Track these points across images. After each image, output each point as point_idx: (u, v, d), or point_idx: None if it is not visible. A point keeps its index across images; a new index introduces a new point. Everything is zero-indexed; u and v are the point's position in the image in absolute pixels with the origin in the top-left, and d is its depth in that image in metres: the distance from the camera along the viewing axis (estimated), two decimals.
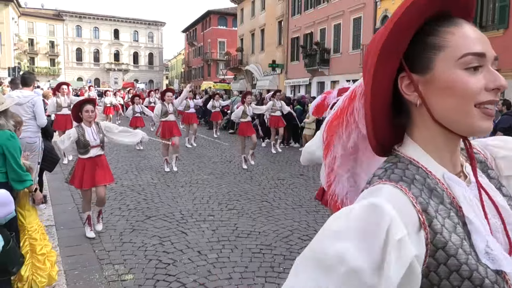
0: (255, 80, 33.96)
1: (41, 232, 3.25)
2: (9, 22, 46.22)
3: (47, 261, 3.16)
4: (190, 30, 58.48)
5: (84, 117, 4.79)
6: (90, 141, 4.78)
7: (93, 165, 4.84)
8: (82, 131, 4.77)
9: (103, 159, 5.01)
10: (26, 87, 6.09)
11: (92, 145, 4.80)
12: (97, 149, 4.90)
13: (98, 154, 4.91)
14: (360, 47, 20.15)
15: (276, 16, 30.33)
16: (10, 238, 2.54)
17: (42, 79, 51.70)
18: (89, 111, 4.79)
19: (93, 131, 4.84)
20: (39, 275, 3.04)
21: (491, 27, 13.79)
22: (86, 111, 4.78)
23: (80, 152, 4.83)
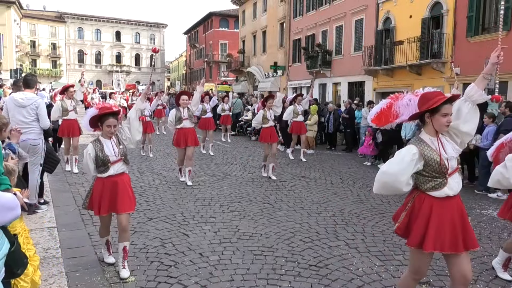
0: (256, 82, 33.98)
1: (25, 236, 3.20)
2: (11, 24, 46.36)
3: (29, 265, 3.11)
4: (192, 32, 58.57)
5: (105, 131, 4.00)
6: (110, 155, 3.97)
7: (113, 187, 4.00)
8: (100, 146, 3.97)
9: (125, 179, 4.13)
10: (29, 89, 6.07)
11: (112, 161, 3.97)
12: (119, 165, 4.05)
13: (120, 172, 4.07)
14: (362, 49, 20.13)
15: (277, 18, 30.35)
16: (14, 240, 2.53)
17: (44, 81, 51.82)
18: (112, 126, 3.94)
19: (113, 144, 4.04)
20: (21, 280, 2.99)
21: (493, 29, 13.78)
22: (108, 126, 3.94)
23: (99, 171, 4.01)
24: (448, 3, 15.37)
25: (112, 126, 3.94)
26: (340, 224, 5.87)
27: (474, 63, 13.48)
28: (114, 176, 4.01)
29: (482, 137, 8.39)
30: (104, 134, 4.02)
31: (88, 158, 3.95)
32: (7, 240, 2.37)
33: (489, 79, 3.21)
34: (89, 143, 4.04)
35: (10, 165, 3.24)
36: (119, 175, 4.06)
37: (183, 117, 8.04)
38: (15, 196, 2.34)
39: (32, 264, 3.14)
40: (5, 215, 2.21)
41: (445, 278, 4.18)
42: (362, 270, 4.31)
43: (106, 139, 4.03)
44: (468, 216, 3.19)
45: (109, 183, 3.99)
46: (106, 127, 3.94)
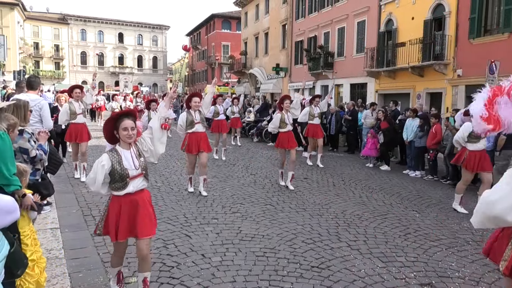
0: (259, 84, 34.00)
1: (33, 238, 3.21)
2: (15, 26, 46.63)
3: (36, 267, 3.12)
4: (194, 33, 58.67)
5: (122, 136, 3.33)
6: (129, 169, 3.33)
7: (132, 207, 3.40)
8: (117, 157, 3.33)
9: (146, 197, 3.52)
10: (32, 91, 6.10)
11: (132, 176, 3.34)
12: (139, 181, 3.42)
13: (140, 189, 3.45)
14: (364, 50, 20.12)
15: (280, 19, 30.38)
16: (13, 241, 2.54)
17: (47, 83, 51.99)
18: (129, 128, 3.30)
19: (133, 155, 3.41)
20: (27, 281, 3.01)
21: (496, 30, 13.76)
22: (125, 129, 3.30)
23: (115, 188, 3.35)
24: (450, 4, 15.36)
25: (129, 129, 3.29)
26: (342, 226, 5.87)
27: (476, 64, 13.47)
28: (133, 194, 3.38)
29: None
30: (123, 141, 3.36)
31: (100, 170, 3.27)
32: (7, 241, 2.39)
33: None
34: (105, 153, 3.40)
35: (22, 166, 3.25)
36: (139, 193, 3.44)
37: (195, 120, 7.32)
38: (13, 199, 2.35)
39: (38, 266, 3.16)
40: (4, 218, 2.22)
41: (447, 280, 4.18)
42: (364, 271, 4.31)
43: (125, 149, 3.39)
44: None
45: (127, 202, 3.37)
46: (123, 130, 3.30)
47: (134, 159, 3.38)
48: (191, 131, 7.33)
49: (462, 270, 4.45)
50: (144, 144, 3.55)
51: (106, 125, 3.39)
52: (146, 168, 3.49)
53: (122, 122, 3.30)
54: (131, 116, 3.38)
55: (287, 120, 8.30)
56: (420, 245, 5.20)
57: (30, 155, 4.06)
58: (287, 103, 8.31)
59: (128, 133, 3.30)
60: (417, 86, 17.17)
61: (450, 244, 5.26)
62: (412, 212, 6.78)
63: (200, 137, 7.37)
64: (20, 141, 3.98)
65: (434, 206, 7.26)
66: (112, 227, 3.35)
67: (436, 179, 9.79)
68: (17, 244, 2.65)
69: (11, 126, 3.64)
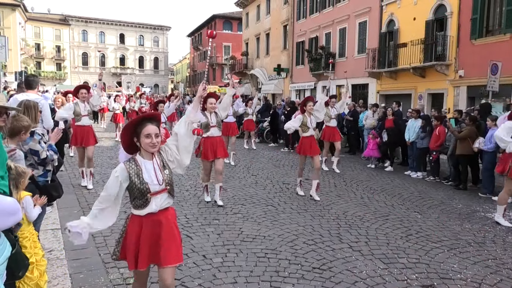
0: (260, 84, 34.01)
1: (32, 240, 3.19)
2: (16, 27, 46.73)
3: (35, 270, 3.11)
4: (195, 34, 58.73)
5: (144, 145, 2.75)
6: (151, 183, 2.75)
7: (155, 229, 2.83)
8: (136, 168, 2.77)
9: (170, 217, 2.92)
10: (31, 90, 5.98)
11: (154, 191, 2.77)
12: (163, 198, 2.82)
13: (164, 207, 2.85)
14: (365, 51, 20.12)
15: (281, 20, 30.38)
16: (15, 242, 2.53)
17: (48, 83, 52.06)
18: (152, 135, 2.73)
19: (156, 166, 2.82)
20: (25, 284, 3.00)
21: (497, 31, 13.74)
22: (148, 136, 2.72)
23: (136, 205, 2.82)
24: (452, 5, 15.35)
25: (152, 136, 2.72)
26: (344, 227, 5.86)
27: (478, 65, 13.46)
28: (156, 213, 2.81)
29: (486, 140, 8.36)
30: (144, 149, 2.77)
31: (113, 182, 2.76)
32: (9, 243, 2.38)
33: None
34: (121, 163, 2.82)
35: (21, 167, 3.22)
36: (163, 212, 2.84)
37: (210, 123, 6.70)
38: (15, 200, 2.33)
39: (38, 268, 3.14)
40: (6, 219, 2.21)
41: (449, 282, 4.16)
42: (365, 273, 4.30)
43: (147, 159, 2.80)
44: None
45: (149, 223, 2.81)
46: (145, 138, 2.72)
47: (157, 171, 2.79)
48: (206, 135, 6.70)
49: (464, 271, 4.43)
50: (169, 153, 2.94)
51: (125, 131, 2.80)
52: (171, 183, 2.88)
53: (145, 128, 2.73)
54: (154, 120, 2.81)
55: (310, 124, 7.59)
56: (422, 246, 5.18)
57: (41, 157, 4.01)
58: (310, 105, 7.59)
59: (152, 141, 2.71)
60: (419, 87, 17.15)
61: (452, 246, 5.24)
62: (414, 213, 6.76)
63: (216, 142, 6.78)
64: (31, 142, 3.92)
65: (436, 208, 7.24)
66: (131, 252, 2.80)
67: (438, 180, 9.77)
68: (18, 245, 2.64)
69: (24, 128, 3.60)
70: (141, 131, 2.74)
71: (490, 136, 8.31)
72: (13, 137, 3.60)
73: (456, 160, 9.17)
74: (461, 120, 9.68)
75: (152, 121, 2.79)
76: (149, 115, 2.90)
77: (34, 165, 3.90)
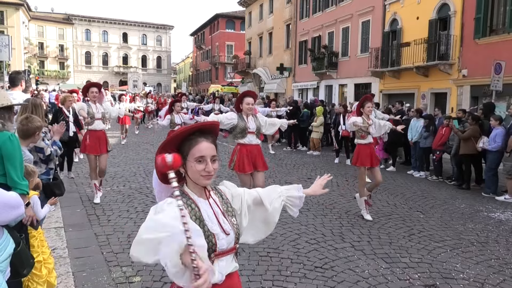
0: (262, 84, 34.00)
1: (40, 239, 3.22)
2: (20, 26, 46.90)
3: (43, 268, 3.13)
4: (198, 33, 58.77)
5: (194, 173, 1.78)
6: (219, 237, 1.78)
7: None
8: (195, 210, 1.77)
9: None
10: (15, 87, 5.62)
11: (221, 251, 1.79)
12: (228, 260, 1.86)
13: (229, 272, 1.86)
14: (369, 50, 20.08)
15: (284, 19, 30.36)
16: (20, 240, 2.55)
17: (52, 82, 52.28)
18: (208, 158, 1.77)
19: (217, 209, 1.86)
20: (35, 282, 3.03)
21: (501, 30, 13.68)
22: (201, 160, 1.76)
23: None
24: (455, 4, 15.29)
25: (208, 160, 1.76)
26: (346, 226, 5.86)
27: (482, 65, 13.41)
28: (220, 284, 1.80)
29: (490, 140, 8.34)
30: (193, 180, 1.79)
31: (168, 242, 1.52)
32: (12, 240, 2.39)
33: None
34: (166, 203, 1.69)
35: (30, 167, 3.22)
36: (228, 279, 1.85)
37: (248, 129, 5.45)
38: (18, 194, 2.35)
39: (46, 266, 3.16)
40: (9, 213, 2.22)
41: (451, 281, 4.15)
42: (368, 272, 4.30)
43: (201, 197, 1.82)
44: None
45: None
46: (196, 162, 1.75)
47: (219, 216, 1.81)
48: (242, 141, 5.46)
49: (467, 271, 4.42)
50: (237, 200, 1.98)
51: (164, 150, 1.73)
52: (239, 237, 1.89)
53: (196, 146, 1.75)
54: (211, 135, 1.83)
55: (372, 129, 6.34)
56: (425, 246, 5.17)
57: (46, 153, 3.99)
58: (369, 106, 6.32)
59: (207, 168, 1.75)
60: (422, 86, 17.11)
61: (454, 245, 5.23)
62: (416, 213, 6.75)
63: (255, 151, 5.54)
64: None
65: (439, 207, 7.22)
66: None
67: (440, 180, 9.75)
68: (24, 243, 2.65)
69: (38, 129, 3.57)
70: (189, 151, 1.75)
71: (494, 135, 8.29)
72: (27, 139, 3.53)
73: (459, 159, 9.15)
74: (465, 120, 9.65)
75: (207, 136, 1.79)
76: (204, 125, 1.82)
77: (37, 163, 3.90)
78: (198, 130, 1.80)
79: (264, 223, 2.13)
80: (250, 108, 5.42)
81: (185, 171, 1.80)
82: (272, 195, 2.14)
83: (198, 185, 1.80)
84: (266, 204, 2.07)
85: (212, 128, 1.86)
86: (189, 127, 1.80)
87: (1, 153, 2.75)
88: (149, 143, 14.47)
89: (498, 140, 8.16)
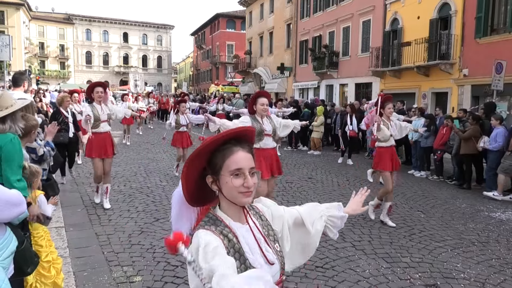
0: (263, 83, 34.00)
1: (47, 239, 3.22)
2: (20, 26, 46.93)
3: (52, 268, 3.14)
4: (199, 33, 58.77)
5: (230, 191, 1.44)
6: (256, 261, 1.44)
7: None
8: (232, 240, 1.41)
9: None
10: (17, 88, 5.61)
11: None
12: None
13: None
14: (369, 50, 20.06)
15: (284, 19, 30.35)
16: (24, 239, 2.55)
17: (52, 82, 52.32)
18: (246, 171, 1.44)
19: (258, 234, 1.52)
20: (43, 283, 3.02)
21: (502, 30, 13.67)
22: (238, 173, 1.43)
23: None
24: (456, 4, 15.27)
25: (246, 173, 1.44)
26: (347, 226, 5.85)
27: (483, 64, 13.38)
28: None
29: (491, 139, 8.33)
30: (229, 199, 1.47)
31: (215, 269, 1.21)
32: (15, 238, 2.40)
33: None
34: (201, 228, 1.41)
35: (34, 167, 3.22)
36: None
37: (264, 131, 5.17)
38: (19, 192, 2.35)
39: (55, 267, 3.17)
40: (11, 211, 2.23)
41: (452, 281, 4.15)
42: (368, 272, 4.30)
43: (235, 219, 1.50)
44: None
45: None
46: (232, 176, 1.43)
47: (261, 243, 1.49)
48: (258, 146, 5.10)
49: (468, 271, 4.42)
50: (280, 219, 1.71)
51: (192, 163, 1.46)
52: (284, 266, 1.57)
53: (231, 157, 1.45)
54: (246, 143, 1.51)
55: (392, 130, 6.06)
56: (425, 245, 5.17)
57: (38, 154, 4.00)
58: (390, 107, 6.06)
59: (246, 183, 1.43)
60: (423, 85, 17.09)
61: (455, 245, 5.23)
62: (417, 213, 6.74)
63: (271, 155, 5.31)
64: None
65: (439, 207, 7.22)
66: None
67: (441, 180, 9.74)
68: (28, 242, 2.66)
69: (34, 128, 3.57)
70: (223, 163, 1.45)
71: (494, 135, 8.29)
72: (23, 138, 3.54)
73: (460, 159, 9.14)
74: (465, 119, 9.64)
75: (243, 144, 1.49)
76: (240, 132, 1.50)
77: None
78: (233, 138, 1.48)
79: (303, 247, 1.83)
80: (265, 109, 5.17)
81: (218, 189, 1.47)
82: (313, 215, 1.89)
83: (235, 205, 1.47)
84: (308, 225, 1.82)
85: (248, 135, 1.54)
86: (223, 134, 1.46)
87: (2, 155, 2.75)
88: (149, 143, 14.48)
89: (499, 139, 8.16)
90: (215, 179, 1.46)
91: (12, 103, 2.97)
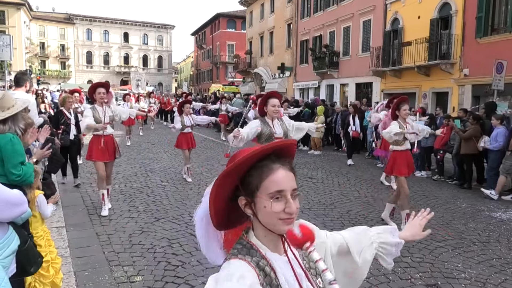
0: (264, 83, 33.99)
1: (47, 239, 3.23)
2: (21, 25, 46.96)
3: (51, 268, 3.14)
4: (199, 33, 58.76)
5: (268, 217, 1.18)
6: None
7: None
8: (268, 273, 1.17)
9: None
10: (19, 88, 5.57)
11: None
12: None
13: None
14: (370, 50, 20.06)
15: (285, 18, 30.35)
16: (27, 238, 2.56)
17: (53, 82, 52.36)
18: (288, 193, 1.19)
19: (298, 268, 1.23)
20: (41, 282, 3.03)
21: (503, 30, 13.66)
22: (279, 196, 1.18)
23: None
24: (457, 3, 15.27)
25: (288, 196, 1.19)
26: (348, 226, 5.85)
27: (483, 64, 13.38)
28: None
29: (491, 139, 8.33)
30: (265, 226, 1.21)
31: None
32: (17, 237, 2.40)
33: None
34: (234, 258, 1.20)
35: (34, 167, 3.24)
36: None
37: (275, 134, 4.84)
38: (21, 192, 2.35)
39: (53, 266, 3.17)
40: (12, 210, 2.23)
41: (453, 281, 4.15)
42: (369, 271, 4.28)
43: (272, 249, 1.23)
44: None
45: None
46: (272, 200, 1.17)
47: (301, 279, 1.22)
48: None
49: (468, 271, 4.42)
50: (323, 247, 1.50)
51: (222, 182, 1.22)
52: None
53: (271, 177, 1.20)
54: (286, 159, 1.27)
55: (407, 134, 5.76)
56: (426, 245, 5.17)
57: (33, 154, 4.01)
58: (405, 109, 5.73)
59: (289, 208, 1.19)
60: (423, 85, 17.09)
61: (456, 245, 5.23)
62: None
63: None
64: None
65: (440, 207, 7.21)
66: None
67: (442, 179, 9.73)
68: (31, 242, 2.66)
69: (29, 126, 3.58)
70: (260, 183, 1.20)
71: (495, 135, 8.28)
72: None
73: (461, 159, 9.14)
74: (466, 119, 9.64)
75: (283, 161, 1.24)
76: (281, 146, 1.26)
77: None
78: (273, 153, 1.23)
79: (348, 279, 1.59)
80: (276, 111, 4.81)
81: (253, 213, 1.22)
82: (362, 242, 1.63)
83: (273, 233, 1.21)
84: (355, 255, 1.57)
85: (290, 149, 1.29)
86: (262, 148, 1.19)
87: (2, 154, 2.76)
88: (150, 143, 14.49)
89: (500, 139, 8.15)
90: (249, 201, 1.21)
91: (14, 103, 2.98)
